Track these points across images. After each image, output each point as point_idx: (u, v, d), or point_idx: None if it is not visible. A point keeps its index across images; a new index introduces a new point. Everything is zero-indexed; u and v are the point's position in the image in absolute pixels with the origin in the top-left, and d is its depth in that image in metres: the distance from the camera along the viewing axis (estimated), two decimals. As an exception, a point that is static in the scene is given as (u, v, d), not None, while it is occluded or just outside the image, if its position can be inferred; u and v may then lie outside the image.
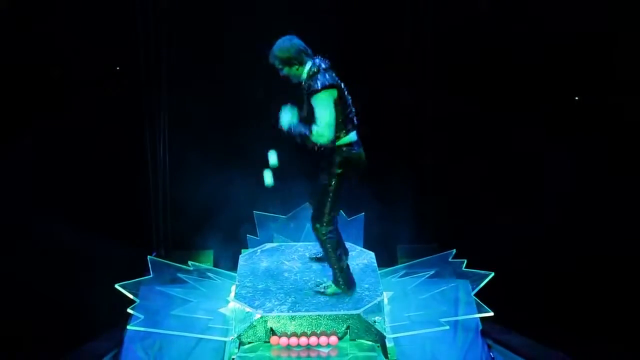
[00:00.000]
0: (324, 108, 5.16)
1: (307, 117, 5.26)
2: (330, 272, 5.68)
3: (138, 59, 7.31)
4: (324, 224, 5.43)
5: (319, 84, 5.14)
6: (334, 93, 5.19)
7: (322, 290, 5.64)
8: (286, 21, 6.82)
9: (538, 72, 7.52)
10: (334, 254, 5.52)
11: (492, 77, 7.50)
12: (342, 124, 5.28)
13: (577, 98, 7.77)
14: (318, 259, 6.00)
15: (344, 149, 5.34)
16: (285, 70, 5.28)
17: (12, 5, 7.16)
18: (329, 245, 5.49)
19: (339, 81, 5.30)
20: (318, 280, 5.79)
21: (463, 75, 7.49)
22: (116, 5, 7.26)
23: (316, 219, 5.47)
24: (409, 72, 7.52)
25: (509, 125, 7.47)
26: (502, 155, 7.60)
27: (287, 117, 5.27)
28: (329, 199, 5.38)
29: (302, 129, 5.21)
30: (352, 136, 5.37)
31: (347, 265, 5.65)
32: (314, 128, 5.16)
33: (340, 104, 5.24)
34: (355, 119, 5.40)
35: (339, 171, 5.35)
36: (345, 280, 5.61)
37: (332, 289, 5.62)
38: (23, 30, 7.17)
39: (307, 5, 7.24)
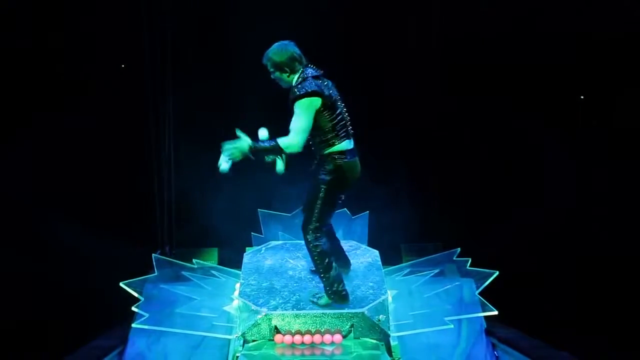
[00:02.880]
0: (301, 114, 5.04)
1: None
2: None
3: (143, 57, 7.33)
4: (310, 232, 5.31)
5: (302, 90, 5.04)
6: (316, 101, 5.07)
7: (315, 300, 5.53)
8: (290, 19, 6.87)
9: (540, 72, 7.52)
10: (321, 263, 5.37)
11: (495, 77, 7.50)
12: (332, 132, 5.19)
13: (582, 97, 7.76)
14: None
15: (336, 156, 5.23)
16: (277, 74, 5.20)
17: (14, 3, 7.17)
18: (315, 254, 5.35)
19: (330, 90, 5.20)
20: (315, 287, 5.73)
21: (466, 74, 7.49)
22: (120, 3, 7.27)
23: (303, 225, 5.37)
24: (413, 71, 7.52)
25: (512, 124, 7.47)
26: (506, 154, 7.62)
27: (233, 146, 5.09)
28: (317, 207, 5.27)
29: (266, 145, 5.07)
30: (345, 144, 5.24)
31: (339, 275, 5.46)
32: (283, 140, 5.03)
33: (328, 113, 5.14)
34: (349, 127, 5.30)
35: (329, 179, 5.24)
36: (336, 292, 5.44)
37: (324, 300, 5.49)
38: (25, 28, 7.19)
39: (311, 3, 7.25)
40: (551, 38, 7.40)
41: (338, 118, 5.21)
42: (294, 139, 5.03)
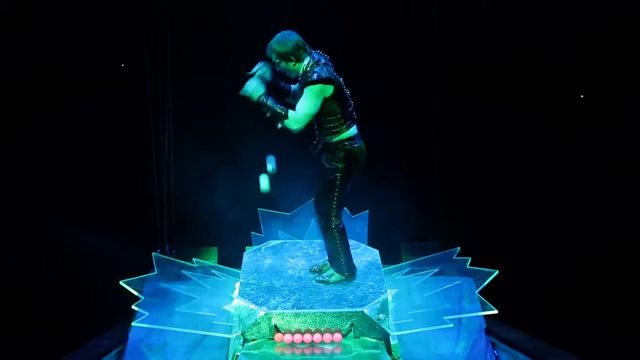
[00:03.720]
0: (310, 98, 5.12)
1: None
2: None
3: (143, 56, 7.33)
4: (333, 218, 5.48)
5: (315, 76, 5.10)
6: (328, 89, 5.14)
7: (326, 279, 5.68)
8: (292, 17, 6.86)
9: (541, 71, 7.52)
10: (341, 241, 5.57)
11: (496, 76, 7.50)
12: (342, 119, 5.27)
13: (582, 96, 7.77)
14: (318, 270, 5.90)
15: (346, 143, 5.33)
16: (282, 65, 5.23)
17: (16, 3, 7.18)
18: (337, 237, 5.54)
19: (337, 76, 5.25)
20: (315, 286, 5.76)
21: (467, 73, 7.49)
22: (120, 3, 7.27)
23: (323, 214, 5.50)
24: (414, 70, 7.52)
25: (513, 124, 7.47)
26: (506, 154, 7.62)
27: (254, 84, 5.21)
28: (335, 194, 5.41)
29: (277, 107, 5.17)
30: (353, 130, 5.36)
31: (350, 251, 5.71)
32: (292, 112, 5.14)
33: (338, 100, 5.22)
34: (354, 113, 5.39)
35: (343, 166, 5.35)
36: (349, 268, 5.67)
37: (336, 276, 5.67)
38: (26, 28, 7.19)
39: (310, 2, 7.26)
40: (551, 38, 7.40)
41: (346, 104, 5.29)
42: (298, 118, 5.13)
